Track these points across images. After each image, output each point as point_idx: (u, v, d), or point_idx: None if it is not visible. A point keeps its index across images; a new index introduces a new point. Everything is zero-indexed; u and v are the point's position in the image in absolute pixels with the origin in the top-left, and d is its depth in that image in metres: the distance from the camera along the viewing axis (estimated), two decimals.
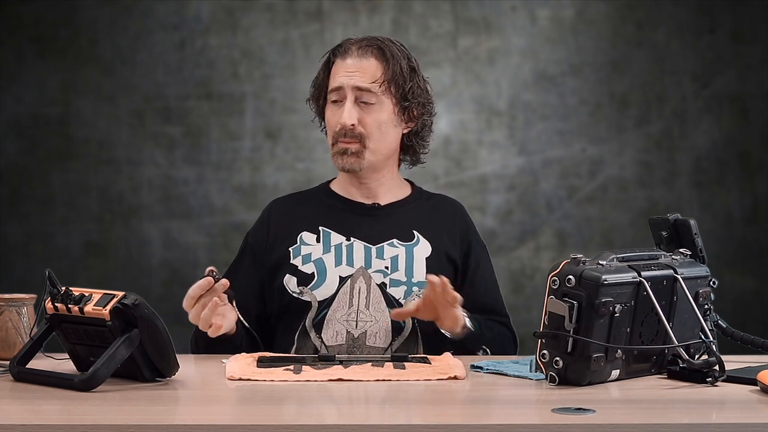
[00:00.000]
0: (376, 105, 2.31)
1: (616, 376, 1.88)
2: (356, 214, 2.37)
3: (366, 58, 2.32)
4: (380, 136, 2.33)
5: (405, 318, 2.25)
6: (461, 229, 2.41)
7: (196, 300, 2.09)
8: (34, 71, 4.35)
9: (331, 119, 2.34)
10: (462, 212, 2.45)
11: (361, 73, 2.31)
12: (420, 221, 2.37)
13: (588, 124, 4.42)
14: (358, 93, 2.31)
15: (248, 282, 2.34)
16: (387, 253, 2.31)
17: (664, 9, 4.41)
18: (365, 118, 2.31)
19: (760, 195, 4.41)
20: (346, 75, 2.31)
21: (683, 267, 1.94)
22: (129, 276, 4.32)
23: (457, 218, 2.43)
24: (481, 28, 4.40)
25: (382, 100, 2.32)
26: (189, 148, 4.38)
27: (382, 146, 2.34)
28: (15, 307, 2.12)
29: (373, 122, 2.31)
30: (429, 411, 1.72)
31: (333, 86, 2.33)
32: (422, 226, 2.36)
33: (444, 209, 2.43)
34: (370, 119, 2.31)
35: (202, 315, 2.08)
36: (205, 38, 4.37)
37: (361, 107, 2.31)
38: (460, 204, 2.47)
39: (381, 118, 2.32)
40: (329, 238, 2.32)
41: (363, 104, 2.31)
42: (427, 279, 2.16)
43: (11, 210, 4.36)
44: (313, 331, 2.26)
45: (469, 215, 2.46)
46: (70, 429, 1.54)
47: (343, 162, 2.33)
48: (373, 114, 2.31)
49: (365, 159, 2.32)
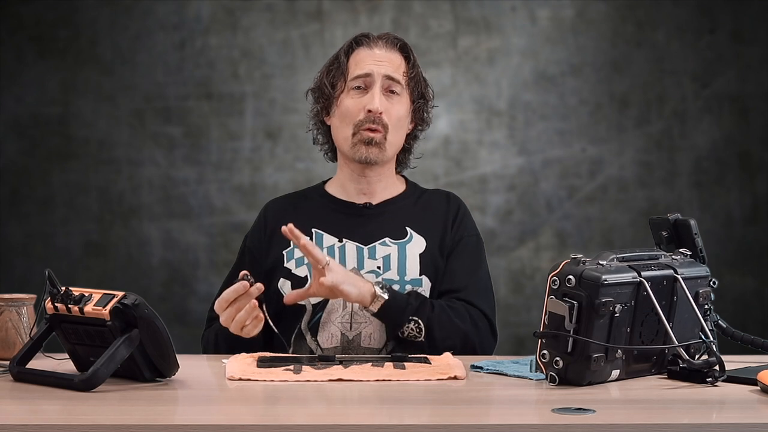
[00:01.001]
0: (401, 96, 2.32)
1: (616, 376, 1.88)
2: (348, 214, 2.35)
3: (393, 51, 2.33)
4: (398, 130, 2.33)
5: (300, 300, 2.19)
6: (453, 216, 2.36)
7: (229, 303, 2.09)
8: (34, 71, 4.35)
9: (353, 106, 2.31)
10: (456, 201, 2.40)
11: (389, 63, 2.32)
12: (413, 217, 2.35)
13: (588, 124, 4.42)
14: (387, 82, 2.31)
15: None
16: (379, 252, 2.30)
17: (664, 9, 4.41)
18: (390, 109, 2.30)
19: (760, 195, 4.41)
20: (375, 63, 2.31)
21: (683, 267, 1.94)
22: (129, 276, 4.32)
23: (451, 207, 2.38)
24: (481, 28, 4.40)
25: (404, 94, 2.33)
26: (189, 148, 4.38)
27: (397, 141, 2.34)
28: (15, 307, 2.12)
29: (396, 114, 2.31)
30: (429, 411, 1.72)
31: (359, 73, 2.31)
32: (415, 222, 2.34)
33: (438, 201, 2.40)
34: (393, 110, 2.31)
35: (237, 317, 2.08)
36: (205, 38, 4.37)
37: (386, 97, 2.31)
38: (455, 195, 2.43)
39: (401, 111, 2.32)
40: (322, 240, 2.31)
41: (389, 94, 2.31)
42: (283, 231, 2.12)
43: (11, 210, 4.36)
44: (308, 334, 2.26)
45: (466, 207, 2.42)
46: (70, 429, 1.54)
47: (367, 152, 2.30)
48: (396, 105, 2.31)
49: (386, 151, 2.31)
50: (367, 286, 2.17)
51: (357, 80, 2.31)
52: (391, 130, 2.30)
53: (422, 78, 2.36)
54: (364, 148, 2.29)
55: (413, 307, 2.19)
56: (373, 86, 2.30)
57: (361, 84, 2.31)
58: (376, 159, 2.30)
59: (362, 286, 2.17)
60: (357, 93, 2.31)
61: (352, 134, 2.31)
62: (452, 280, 2.29)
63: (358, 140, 2.30)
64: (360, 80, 2.31)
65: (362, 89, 2.31)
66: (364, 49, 2.33)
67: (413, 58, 2.35)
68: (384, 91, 2.30)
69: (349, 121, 2.31)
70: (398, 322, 2.18)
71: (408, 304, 2.19)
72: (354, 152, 2.31)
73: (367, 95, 2.30)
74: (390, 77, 2.31)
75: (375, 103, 2.28)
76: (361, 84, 2.31)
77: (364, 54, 2.33)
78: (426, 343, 2.19)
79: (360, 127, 2.29)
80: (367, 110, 2.28)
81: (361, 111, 2.29)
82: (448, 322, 2.20)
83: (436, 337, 2.18)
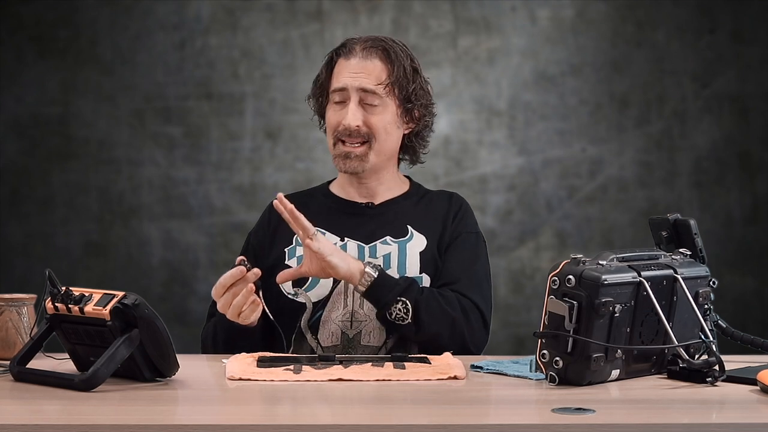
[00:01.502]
0: (380, 107, 2.30)
1: (616, 376, 1.88)
2: (350, 213, 2.36)
3: (370, 60, 2.31)
4: (385, 137, 2.32)
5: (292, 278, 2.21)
6: (453, 213, 2.37)
7: (226, 289, 2.09)
8: (34, 71, 4.35)
9: (332, 119, 2.32)
10: (459, 200, 2.41)
11: (365, 75, 2.30)
12: (414, 216, 2.35)
13: (588, 124, 4.42)
14: (362, 94, 2.29)
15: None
16: (380, 251, 2.30)
17: (664, 9, 4.41)
18: (370, 119, 2.30)
19: (760, 195, 4.41)
20: (350, 76, 2.30)
21: (683, 267, 1.94)
22: (129, 276, 4.32)
23: (453, 206, 2.38)
24: (481, 28, 4.40)
25: (386, 101, 2.31)
26: (189, 148, 4.38)
27: (386, 147, 2.33)
28: (15, 307, 2.12)
29: (378, 123, 2.30)
30: (429, 411, 1.72)
31: (336, 87, 2.31)
32: (416, 221, 2.34)
33: (440, 200, 2.40)
34: (374, 120, 2.30)
35: (234, 302, 2.09)
36: (205, 38, 4.37)
37: (365, 108, 2.30)
38: (459, 195, 2.43)
39: (385, 119, 2.31)
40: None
41: (367, 105, 2.30)
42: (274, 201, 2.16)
43: (11, 210, 4.36)
44: (309, 332, 2.26)
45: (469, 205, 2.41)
46: (70, 429, 1.54)
47: (346, 165, 2.32)
48: (377, 115, 2.30)
49: (369, 161, 2.32)
50: (357, 263, 2.18)
51: (335, 94, 2.32)
52: (377, 139, 2.30)
53: (410, 76, 2.32)
54: (344, 162, 2.31)
55: (401, 287, 2.19)
56: (349, 101, 2.30)
57: (339, 98, 2.32)
58: (356, 170, 2.32)
59: (351, 262, 2.18)
60: (337, 106, 2.32)
61: (333, 145, 2.33)
62: (447, 273, 2.29)
63: (337, 154, 2.32)
64: (338, 94, 2.31)
65: (341, 102, 2.31)
66: (342, 60, 2.33)
67: (397, 59, 2.31)
68: (361, 104, 2.30)
69: (331, 132, 2.33)
70: (386, 301, 2.18)
71: (396, 284, 2.19)
72: (337, 164, 2.34)
73: (344, 109, 2.30)
74: (365, 89, 2.29)
75: (348, 119, 2.29)
76: (339, 98, 2.32)
77: (341, 66, 2.32)
78: (414, 328, 2.18)
79: (339, 138, 2.31)
80: (343, 125, 2.30)
81: (339, 124, 2.31)
82: (437, 307, 2.20)
83: (423, 320, 2.18)
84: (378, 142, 2.31)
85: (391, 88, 2.30)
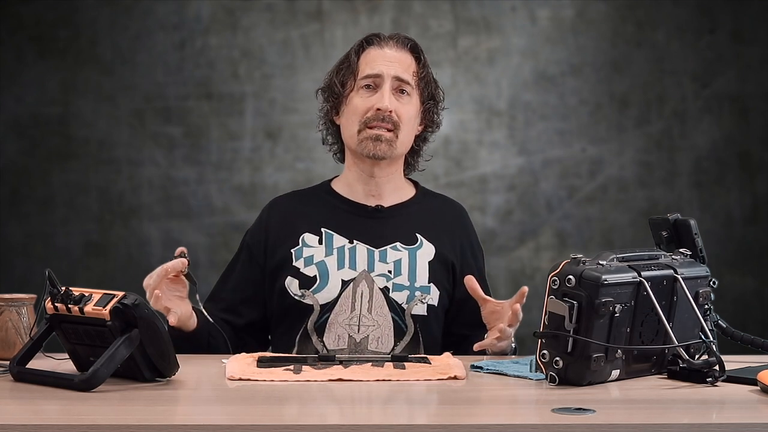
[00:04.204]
0: (410, 97, 2.32)
1: (616, 376, 1.88)
2: (359, 216, 2.34)
3: (403, 51, 2.33)
4: (409, 129, 2.33)
5: (487, 348, 2.17)
6: (462, 236, 2.38)
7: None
8: (34, 71, 4.35)
9: (361, 105, 2.30)
10: (465, 219, 2.43)
11: (399, 64, 2.31)
12: (423, 223, 2.35)
13: (588, 124, 4.42)
14: (395, 83, 2.30)
15: (241, 284, 2.34)
16: (390, 256, 2.29)
17: (664, 9, 4.41)
18: (400, 108, 2.30)
19: (760, 195, 4.41)
20: (385, 63, 2.31)
21: (683, 267, 1.94)
22: (129, 276, 4.32)
23: (460, 224, 2.40)
24: (481, 28, 4.40)
25: (414, 95, 2.33)
26: (189, 148, 4.38)
27: (407, 140, 2.34)
28: (15, 307, 2.12)
29: (406, 113, 2.31)
30: (429, 411, 1.72)
31: (369, 72, 2.30)
32: (425, 229, 2.34)
33: (448, 213, 2.41)
34: (404, 110, 2.30)
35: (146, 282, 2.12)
36: (205, 38, 4.37)
37: (396, 97, 2.31)
38: (463, 208, 2.45)
39: (411, 111, 2.32)
40: (332, 241, 2.30)
41: (399, 94, 2.31)
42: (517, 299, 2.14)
43: (11, 210, 4.36)
44: (314, 334, 2.25)
45: (471, 220, 2.44)
46: (70, 429, 1.54)
47: (375, 148, 2.28)
48: (406, 105, 2.31)
49: (396, 148, 2.31)
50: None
51: (367, 79, 2.31)
52: (403, 129, 2.30)
53: (432, 79, 2.36)
54: (372, 144, 2.28)
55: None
56: (383, 86, 2.29)
57: (370, 83, 2.31)
58: (384, 155, 2.29)
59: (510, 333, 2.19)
60: (366, 92, 2.31)
61: (359, 131, 2.30)
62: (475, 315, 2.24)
63: (365, 137, 2.29)
64: (370, 80, 2.31)
65: (372, 88, 2.30)
66: (374, 48, 2.33)
67: (423, 58, 2.35)
68: (394, 92, 2.30)
69: (357, 118, 2.30)
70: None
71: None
72: (362, 148, 2.29)
73: (376, 94, 2.29)
74: (400, 78, 2.30)
75: (384, 102, 2.28)
76: (370, 83, 2.31)
77: (374, 54, 2.32)
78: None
79: (367, 124, 2.29)
80: (376, 108, 2.28)
81: (369, 109, 2.29)
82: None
83: None
84: (403, 132, 2.31)
85: (419, 83, 2.33)
